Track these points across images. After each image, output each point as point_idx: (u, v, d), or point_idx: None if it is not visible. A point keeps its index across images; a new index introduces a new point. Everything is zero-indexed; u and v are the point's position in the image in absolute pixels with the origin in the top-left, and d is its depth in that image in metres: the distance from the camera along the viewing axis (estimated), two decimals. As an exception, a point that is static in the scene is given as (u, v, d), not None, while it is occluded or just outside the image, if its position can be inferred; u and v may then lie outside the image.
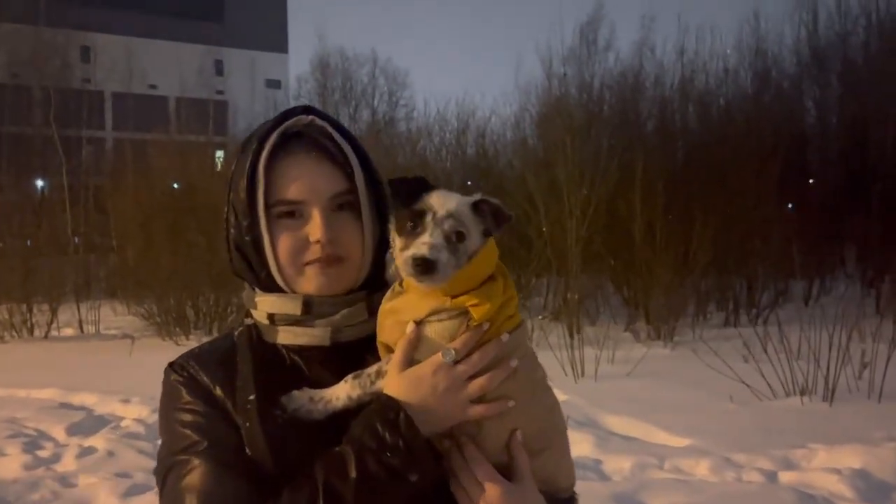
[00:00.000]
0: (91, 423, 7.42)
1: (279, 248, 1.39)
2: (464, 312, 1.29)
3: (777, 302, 13.68)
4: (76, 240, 19.79)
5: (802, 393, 7.18)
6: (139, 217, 15.01)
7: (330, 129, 1.44)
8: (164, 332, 13.49)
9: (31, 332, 14.58)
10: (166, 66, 40.12)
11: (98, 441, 6.69)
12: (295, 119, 1.44)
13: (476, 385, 1.29)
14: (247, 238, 1.40)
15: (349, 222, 1.41)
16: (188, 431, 1.35)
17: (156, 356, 11.67)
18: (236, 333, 1.47)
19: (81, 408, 8.12)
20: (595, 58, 20.55)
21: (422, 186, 1.32)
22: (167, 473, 1.35)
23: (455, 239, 1.28)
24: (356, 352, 1.40)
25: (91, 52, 36.65)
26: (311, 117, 1.45)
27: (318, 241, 1.37)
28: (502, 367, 1.31)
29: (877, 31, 23.20)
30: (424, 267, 1.24)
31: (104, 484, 5.65)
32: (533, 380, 1.39)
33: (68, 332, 14.78)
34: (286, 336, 1.41)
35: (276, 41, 49.54)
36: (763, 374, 7.29)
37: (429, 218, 1.28)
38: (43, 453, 6.53)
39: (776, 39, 23.48)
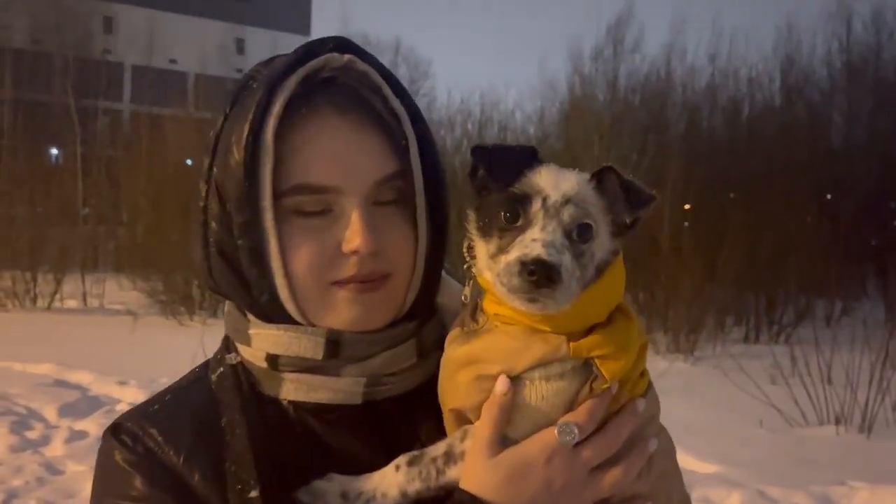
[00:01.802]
0: (85, 404, 7.08)
1: (294, 260, 0.91)
2: (584, 366, 0.85)
3: (800, 320, 13.23)
4: (86, 211, 19.56)
5: (837, 422, 6.75)
6: (151, 192, 14.74)
7: (376, 79, 0.97)
8: (169, 311, 13.17)
9: (34, 301, 14.30)
10: (188, 41, 39.80)
11: (90, 425, 6.36)
12: (324, 58, 0.95)
13: (609, 480, 0.86)
14: (240, 242, 0.91)
15: (399, 222, 0.96)
16: None
17: (158, 335, 11.42)
18: (214, 378, 0.98)
19: (77, 387, 7.78)
20: (621, 58, 20.14)
21: (528, 161, 0.86)
22: None
23: (578, 237, 0.83)
24: (401, 411, 0.95)
25: (113, 23, 36.47)
26: (348, 57, 0.96)
27: (355, 252, 0.91)
28: (639, 450, 0.88)
29: (912, 46, 22.67)
30: (543, 275, 0.78)
31: (92, 473, 5.31)
32: (671, 470, 0.96)
33: (71, 304, 14.49)
34: (296, 389, 0.94)
35: (299, 22, 49.14)
36: (796, 399, 6.86)
37: (537, 205, 0.83)
38: (32, 434, 6.20)
39: (808, 50, 22.91)
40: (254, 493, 0.88)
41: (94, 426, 6.29)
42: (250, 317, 0.97)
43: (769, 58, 21.51)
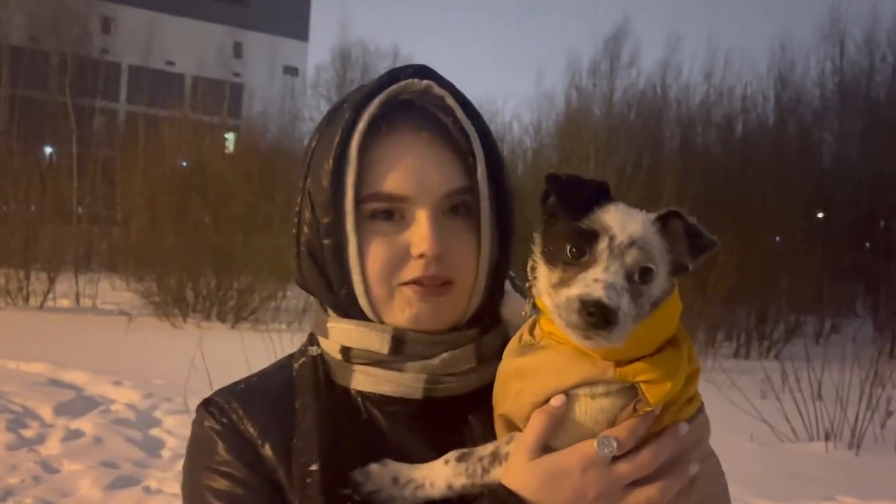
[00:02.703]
0: (80, 403, 7.08)
1: (368, 259, 1.02)
2: (629, 388, 0.90)
3: (790, 337, 13.35)
4: (80, 210, 19.54)
5: (827, 438, 6.84)
6: (146, 192, 14.76)
7: (450, 102, 1.07)
8: (162, 313, 13.17)
9: (26, 300, 14.27)
10: (185, 43, 39.82)
11: (86, 424, 6.36)
12: (405, 83, 1.06)
13: (642, 496, 0.91)
14: (326, 241, 1.03)
15: (464, 233, 1.04)
16: None
17: (152, 337, 11.38)
18: (296, 366, 1.10)
19: (71, 386, 7.78)
20: (618, 72, 20.36)
21: (599, 197, 0.92)
22: None
23: (639, 279, 0.88)
24: (456, 411, 1.03)
25: (112, 23, 36.48)
26: (426, 82, 1.07)
27: (422, 255, 1.00)
28: (678, 472, 0.93)
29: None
30: (601, 318, 0.83)
31: (88, 472, 5.33)
32: (716, 494, 1.00)
33: (64, 303, 14.46)
34: (364, 380, 1.04)
35: (298, 28, 49.25)
36: (786, 415, 6.95)
37: (603, 244, 0.88)
38: (27, 433, 6.20)
39: (802, 71, 23.17)
40: (314, 467, 0.97)
41: (90, 425, 6.30)
42: (330, 312, 1.08)
43: (763, 77, 21.79)
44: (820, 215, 17.07)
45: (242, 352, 6.31)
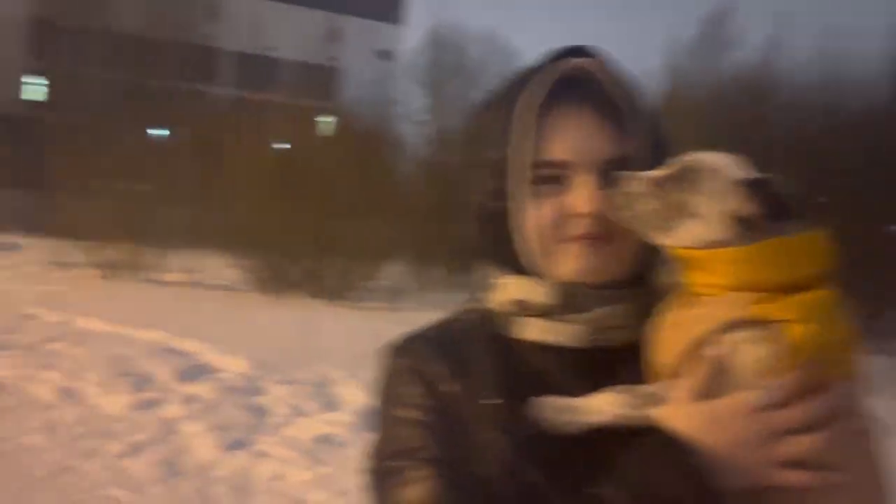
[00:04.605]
0: (195, 370, 7.54)
1: (533, 220, 1.12)
2: (779, 340, 0.94)
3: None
4: (187, 190, 20.45)
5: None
6: (253, 174, 15.37)
7: (607, 77, 1.16)
8: (267, 289, 13.76)
9: (139, 273, 15.16)
10: (285, 28, 40.96)
11: (201, 390, 6.79)
12: (569, 60, 1.16)
13: (798, 443, 0.95)
14: (494, 205, 1.14)
15: None
16: (410, 431, 1.11)
17: (258, 311, 11.86)
18: (466, 319, 1.22)
19: (186, 354, 8.28)
20: (717, 55, 19.59)
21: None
22: (383, 478, 1.13)
23: (664, 181, 1.02)
24: (616, 362, 1.11)
25: (217, 11, 37.90)
26: (588, 59, 1.17)
27: (583, 214, 1.09)
28: (834, 428, 0.95)
29: None
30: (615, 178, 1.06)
31: (207, 434, 5.70)
32: (877, 457, 1.02)
33: (174, 277, 15.30)
34: (533, 330, 1.15)
35: (393, 12, 49.79)
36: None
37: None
38: (148, 395, 6.66)
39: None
40: (491, 402, 1.09)
41: (206, 391, 6.71)
42: (498, 270, 1.19)
43: (876, 58, 20.46)
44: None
45: (342, 327, 6.57)
